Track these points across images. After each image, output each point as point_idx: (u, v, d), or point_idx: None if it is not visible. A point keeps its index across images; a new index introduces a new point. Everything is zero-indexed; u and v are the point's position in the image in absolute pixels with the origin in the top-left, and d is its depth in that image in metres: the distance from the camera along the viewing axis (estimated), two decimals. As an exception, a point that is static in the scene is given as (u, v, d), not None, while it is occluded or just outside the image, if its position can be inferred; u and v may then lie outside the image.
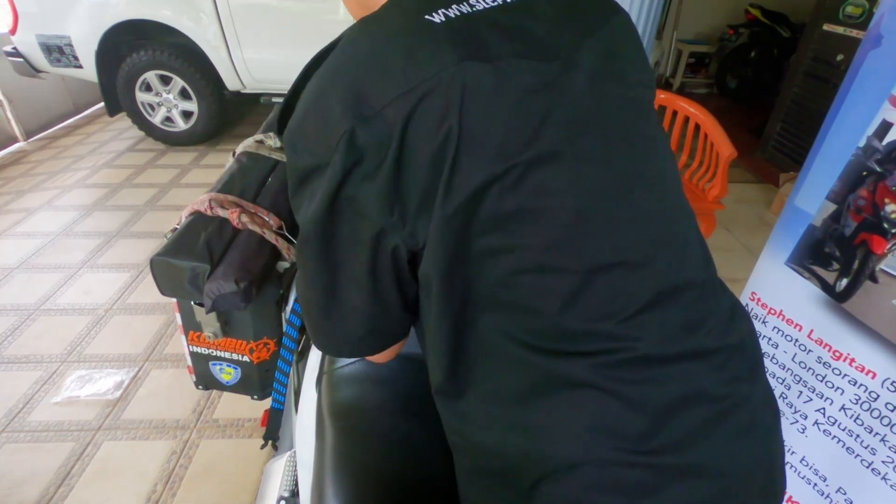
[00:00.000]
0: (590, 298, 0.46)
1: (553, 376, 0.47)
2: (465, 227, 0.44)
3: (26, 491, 1.44)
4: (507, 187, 0.43)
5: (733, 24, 4.81)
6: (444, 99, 0.42)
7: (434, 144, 0.42)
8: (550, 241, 0.45)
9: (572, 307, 0.45)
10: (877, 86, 0.89)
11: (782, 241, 1.07)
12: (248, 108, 4.35)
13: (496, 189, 0.43)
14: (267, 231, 0.83)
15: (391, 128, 0.42)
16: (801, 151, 3.14)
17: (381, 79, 0.43)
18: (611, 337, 0.46)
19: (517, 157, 0.43)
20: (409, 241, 0.47)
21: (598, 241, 0.46)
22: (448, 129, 0.42)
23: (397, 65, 0.43)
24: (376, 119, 0.42)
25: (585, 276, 0.45)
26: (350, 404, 0.75)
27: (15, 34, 3.23)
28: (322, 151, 0.44)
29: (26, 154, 3.76)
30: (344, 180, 0.44)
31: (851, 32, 2.77)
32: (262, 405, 0.99)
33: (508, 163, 0.43)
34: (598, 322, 0.46)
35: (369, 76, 0.43)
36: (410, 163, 0.43)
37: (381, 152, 0.43)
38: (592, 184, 0.46)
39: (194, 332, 0.87)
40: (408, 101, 0.41)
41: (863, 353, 0.95)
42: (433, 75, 0.42)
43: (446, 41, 0.43)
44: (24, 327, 2.04)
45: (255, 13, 3.19)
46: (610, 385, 0.46)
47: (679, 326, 0.49)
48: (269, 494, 0.88)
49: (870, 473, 0.98)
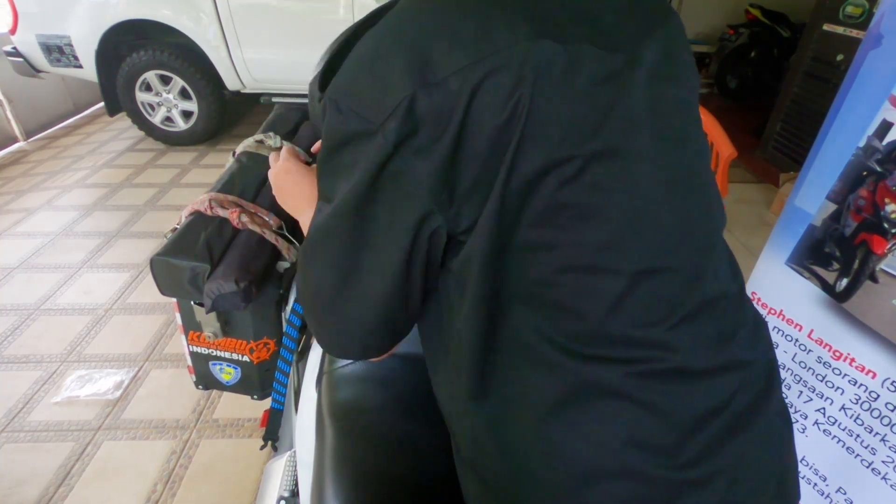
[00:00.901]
0: (634, 303, 0.44)
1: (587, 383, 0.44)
2: (517, 214, 0.42)
3: (26, 491, 1.44)
4: (565, 178, 0.41)
5: (733, 24, 4.80)
6: (516, 74, 0.39)
7: (500, 120, 0.39)
8: (602, 240, 0.43)
9: (617, 311, 0.43)
10: (877, 86, 0.89)
11: (782, 241, 1.07)
12: (248, 108, 4.35)
13: (554, 178, 0.41)
14: (267, 231, 0.83)
15: (455, 98, 0.39)
16: (801, 151, 3.14)
17: (450, 45, 0.40)
18: (650, 345, 0.44)
19: (579, 147, 0.41)
20: (452, 224, 0.43)
21: (647, 244, 0.44)
22: (516, 105, 0.39)
23: (468, 33, 0.40)
24: (440, 87, 0.39)
25: (633, 280, 0.43)
26: (350, 404, 0.75)
27: (15, 34, 3.23)
28: (373, 115, 0.40)
29: (26, 154, 3.76)
30: (394, 152, 0.41)
31: (851, 32, 2.77)
32: (262, 405, 0.99)
33: (570, 152, 0.41)
34: (639, 329, 0.44)
35: (437, 41, 0.40)
36: (470, 138, 0.40)
37: (440, 125, 0.40)
38: (646, 184, 0.44)
39: (194, 331, 0.87)
40: (476, 72, 0.39)
41: (863, 353, 0.95)
42: (506, 48, 0.39)
43: (521, 15, 0.41)
44: (24, 327, 2.04)
45: (255, 13, 3.19)
46: (644, 396, 0.44)
47: (713, 338, 0.47)
48: (269, 494, 0.88)
49: (870, 473, 0.98)
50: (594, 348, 0.44)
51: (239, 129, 4.07)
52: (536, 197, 0.41)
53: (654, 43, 0.46)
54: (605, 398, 0.44)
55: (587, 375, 0.44)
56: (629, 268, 0.43)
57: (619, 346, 0.44)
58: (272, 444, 1.01)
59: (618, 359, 0.44)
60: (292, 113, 1.12)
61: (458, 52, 0.39)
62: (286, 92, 3.48)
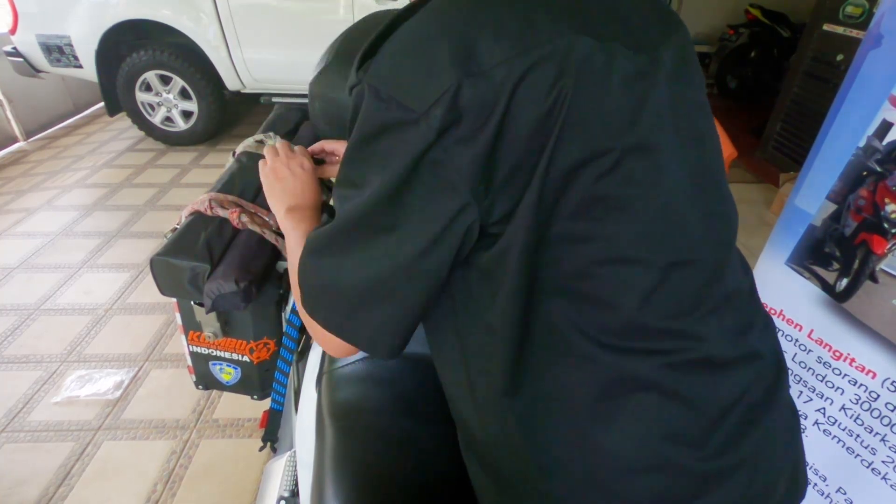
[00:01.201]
0: (665, 295, 0.45)
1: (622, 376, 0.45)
2: (553, 206, 0.42)
3: (26, 491, 1.44)
4: (602, 171, 0.42)
5: (733, 24, 4.81)
6: (558, 67, 0.40)
7: (541, 110, 0.40)
8: (635, 232, 0.44)
9: (650, 303, 0.45)
10: (877, 86, 0.89)
11: (782, 241, 1.07)
12: (248, 108, 4.35)
13: (591, 170, 0.42)
14: (267, 231, 0.83)
15: (499, 89, 0.39)
16: (801, 151, 3.14)
17: (495, 37, 0.40)
18: (681, 335, 0.46)
19: (617, 139, 0.42)
20: (485, 215, 0.43)
21: (677, 237, 0.46)
22: (558, 96, 0.40)
23: (513, 25, 0.41)
24: (485, 78, 0.39)
25: (664, 272, 0.45)
26: (350, 404, 0.75)
27: (15, 34, 3.23)
28: (417, 104, 0.40)
29: (26, 154, 3.76)
30: (435, 141, 0.40)
31: (851, 32, 2.77)
32: (262, 405, 0.99)
33: (609, 144, 0.42)
34: (671, 320, 0.46)
35: (483, 32, 0.40)
36: (511, 128, 0.40)
37: (483, 115, 0.40)
38: (673, 179, 0.46)
39: (194, 331, 0.87)
40: (521, 64, 0.39)
41: (863, 353, 0.95)
42: (549, 41, 0.40)
43: (562, 11, 0.42)
44: (24, 327, 2.04)
45: (255, 13, 3.19)
46: (676, 387, 0.45)
47: (733, 330, 0.49)
48: (269, 494, 0.88)
49: (870, 473, 0.98)
50: (628, 340, 0.45)
51: (239, 129, 4.07)
52: (573, 189, 0.42)
53: (670, 47, 0.48)
54: (637, 390, 0.45)
55: (622, 368, 0.45)
56: (661, 260, 0.45)
57: (652, 337, 0.45)
58: (272, 444, 1.01)
59: (651, 350, 0.45)
60: (292, 113, 1.12)
61: (504, 44, 0.40)
62: (286, 92, 3.48)
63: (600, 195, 0.42)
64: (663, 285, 0.45)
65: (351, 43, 0.79)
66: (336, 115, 0.77)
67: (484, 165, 0.41)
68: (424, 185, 0.42)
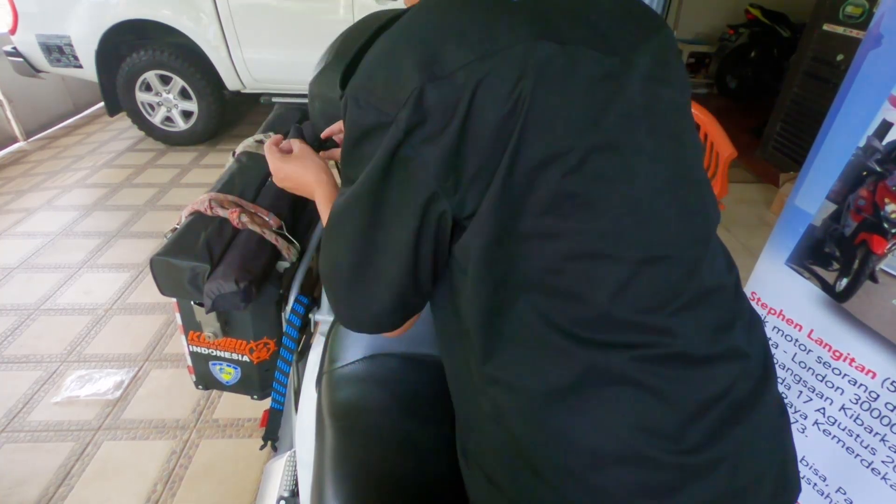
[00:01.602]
0: (637, 289, 0.46)
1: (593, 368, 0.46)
2: (521, 203, 0.45)
3: (26, 491, 1.44)
4: (568, 168, 0.44)
5: (733, 24, 4.81)
6: (518, 69, 0.43)
7: (503, 110, 0.43)
8: (604, 228, 0.46)
9: (621, 297, 0.46)
10: (877, 86, 0.89)
11: (782, 241, 1.07)
12: (248, 108, 4.35)
13: (557, 168, 0.44)
14: (267, 231, 0.83)
15: (461, 91, 0.42)
16: (801, 151, 3.14)
17: (456, 43, 0.44)
18: (653, 330, 0.47)
19: (579, 139, 0.44)
20: (457, 209, 0.47)
21: (649, 233, 0.47)
22: (518, 97, 0.43)
23: (474, 32, 0.44)
24: (447, 81, 0.43)
25: (635, 267, 0.46)
26: (350, 404, 0.75)
27: (15, 34, 3.23)
28: (388, 108, 0.44)
29: (26, 154, 3.76)
30: (404, 139, 0.44)
31: (851, 32, 2.77)
32: (262, 405, 0.99)
33: (571, 143, 0.44)
34: (643, 314, 0.47)
35: (445, 39, 0.44)
36: (475, 128, 0.43)
37: (447, 115, 0.43)
38: (644, 177, 0.47)
39: (194, 331, 0.87)
40: (481, 68, 0.42)
41: (863, 353, 0.95)
42: (509, 46, 0.43)
43: (522, 17, 0.45)
44: (24, 327, 2.04)
45: (255, 13, 3.19)
46: (649, 381, 0.46)
47: (712, 327, 0.50)
48: (269, 494, 0.88)
49: (870, 473, 0.98)
50: (599, 333, 0.46)
51: (239, 129, 4.07)
52: (541, 186, 0.44)
53: (646, 50, 0.50)
54: (611, 383, 0.46)
55: (593, 360, 0.46)
56: (631, 255, 0.46)
57: (624, 330, 0.47)
58: (272, 444, 1.01)
59: (623, 343, 0.47)
60: (292, 113, 1.12)
61: (465, 49, 0.43)
62: (286, 92, 3.48)
63: (568, 192, 0.44)
64: (635, 280, 0.46)
65: (351, 43, 0.79)
66: (336, 115, 0.78)
67: (450, 161, 0.44)
68: (397, 180, 0.46)
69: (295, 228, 0.91)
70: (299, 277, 0.89)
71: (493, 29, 0.44)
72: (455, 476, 0.63)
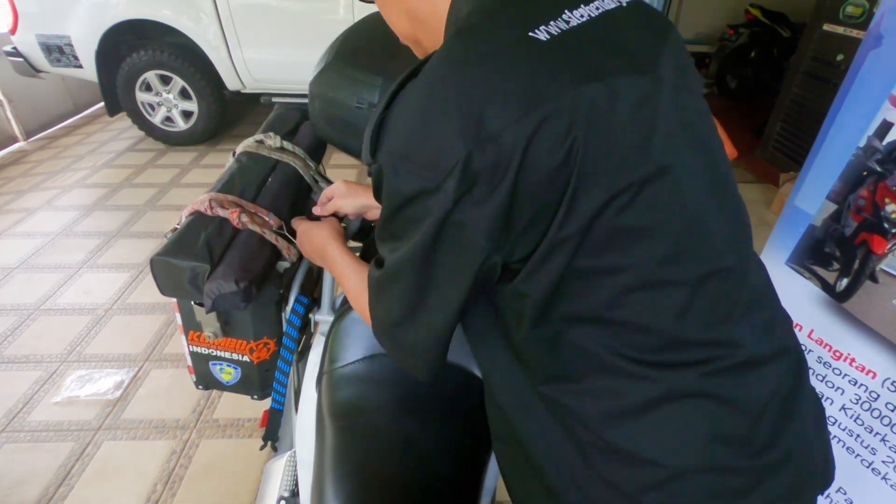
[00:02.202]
0: (699, 307, 0.47)
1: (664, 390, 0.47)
2: (577, 246, 0.44)
3: (26, 491, 1.44)
4: (622, 206, 0.43)
5: (733, 24, 4.80)
6: (567, 119, 0.41)
7: (555, 161, 0.41)
8: (663, 255, 0.45)
9: (684, 318, 0.46)
10: (877, 86, 0.89)
11: (782, 241, 1.07)
12: (248, 108, 4.35)
13: (613, 208, 0.43)
14: (267, 231, 0.83)
15: (511, 151, 0.41)
16: (801, 151, 3.14)
17: (500, 101, 0.41)
18: (720, 343, 0.48)
19: (635, 172, 0.43)
20: (507, 255, 0.47)
21: (702, 250, 0.47)
22: (571, 146, 0.41)
23: (515, 87, 0.42)
24: (494, 142, 0.41)
25: (695, 286, 0.46)
26: (350, 404, 0.75)
27: (15, 34, 3.23)
28: (432, 175, 0.43)
29: (26, 154, 3.76)
30: (454, 207, 0.43)
31: (851, 32, 2.77)
32: (262, 405, 0.99)
33: (629, 179, 0.43)
34: (708, 330, 0.47)
35: (485, 99, 0.42)
36: (527, 183, 0.42)
37: (496, 177, 0.42)
38: (693, 195, 0.47)
39: (194, 331, 0.87)
40: (529, 123, 0.41)
41: (863, 353, 0.95)
42: (554, 96, 0.41)
43: (561, 61, 0.43)
44: (24, 327, 2.04)
45: (255, 13, 3.19)
46: (719, 391, 0.47)
47: (762, 328, 0.51)
48: (269, 494, 0.88)
49: (870, 473, 0.98)
50: (668, 355, 0.47)
51: (239, 129, 4.07)
52: (597, 227, 0.44)
53: (667, 58, 0.49)
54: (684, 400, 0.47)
55: (665, 381, 0.47)
56: (691, 275, 0.46)
57: (692, 349, 0.47)
58: (272, 444, 1.01)
59: (692, 361, 0.47)
60: (292, 113, 1.12)
61: (509, 109, 0.41)
62: (286, 92, 3.48)
63: (624, 227, 0.44)
64: (696, 300, 0.46)
65: (351, 43, 0.79)
66: (336, 115, 0.78)
67: (502, 219, 0.43)
68: (449, 244, 0.45)
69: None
70: (299, 277, 0.89)
71: (535, 81, 0.42)
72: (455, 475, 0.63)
